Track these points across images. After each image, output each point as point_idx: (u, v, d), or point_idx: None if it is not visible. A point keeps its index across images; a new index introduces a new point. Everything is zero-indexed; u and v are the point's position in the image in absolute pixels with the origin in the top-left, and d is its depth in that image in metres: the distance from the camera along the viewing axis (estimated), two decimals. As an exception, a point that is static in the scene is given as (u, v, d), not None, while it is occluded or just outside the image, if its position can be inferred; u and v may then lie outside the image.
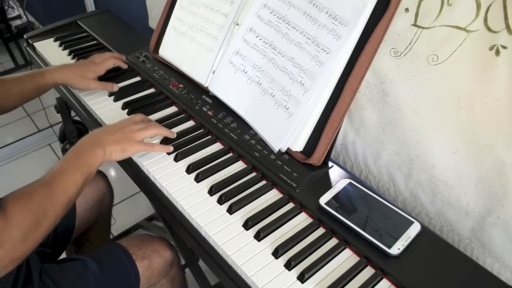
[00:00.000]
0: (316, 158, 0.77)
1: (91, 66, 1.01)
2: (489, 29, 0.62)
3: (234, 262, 0.65)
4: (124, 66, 1.09)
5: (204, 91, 0.97)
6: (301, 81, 0.77)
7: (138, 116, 0.85)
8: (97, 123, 0.97)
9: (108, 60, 1.04)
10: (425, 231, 0.68)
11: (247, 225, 0.70)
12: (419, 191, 0.79)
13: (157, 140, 0.86)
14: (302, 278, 0.62)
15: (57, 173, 0.70)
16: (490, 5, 0.61)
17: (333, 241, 0.68)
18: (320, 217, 0.71)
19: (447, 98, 0.70)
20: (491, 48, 0.62)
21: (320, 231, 0.70)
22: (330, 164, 0.81)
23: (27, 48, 1.28)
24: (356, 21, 0.71)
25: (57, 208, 0.67)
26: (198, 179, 0.78)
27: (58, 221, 0.69)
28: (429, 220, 0.79)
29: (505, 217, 0.67)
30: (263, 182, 0.79)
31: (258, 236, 0.68)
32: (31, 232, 0.63)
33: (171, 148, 0.84)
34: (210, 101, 0.95)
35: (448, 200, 0.75)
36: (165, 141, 0.86)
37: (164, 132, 0.84)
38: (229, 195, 0.74)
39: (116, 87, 1.02)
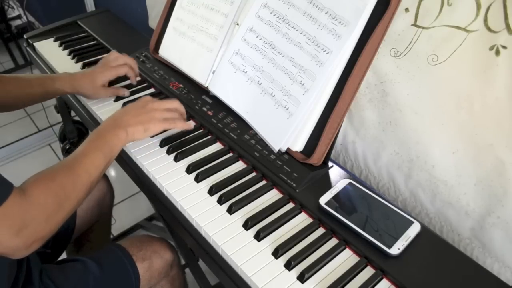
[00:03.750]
0: (316, 158, 0.77)
1: (100, 72, 0.96)
2: (489, 29, 0.62)
3: (234, 262, 0.65)
4: (133, 82, 1.03)
5: (204, 91, 0.97)
6: (301, 81, 0.77)
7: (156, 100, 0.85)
8: (97, 123, 0.96)
9: (121, 68, 0.98)
10: (425, 231, 0.68)
11: (247, 225, 0.70)
12: (419, 191, 0.79)
13: (157, 140, 0.86)
14: (302, 278, 0.62)
15: (80, 154, 0.71)
16: (490, 5, 0.61)
17: (333, 241, 0.68)
18: (320, 217, 0.71)
19: (447, 98, 0.70)
20: (491, 48, 0.62)
21: (320, 231, 0.70)
22: (330, 164, 0.81)
23: (27, 48, 1.28)
24: (356, 21, 0.71)
25: (79, 189, 0.68)
26: (198, 179, 0.78)
27: (81, 203, 0.70)
28: (429, 220, 0.79)
29: (505, 217, 0.67)
30: (263, 182, 0.79)
31: (258, 236, 0.68)
32: (54, 212, 0.64)
33: (191, 125, 0.86)
34: (210, 101, 0.95)
35: (448, 200, 0.75)
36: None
37: (182, 108, 0.86)
38: (229, 195, 0.74)
39: (127, 92, 0.99)
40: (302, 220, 0.72)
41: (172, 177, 0.79)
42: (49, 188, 0.64)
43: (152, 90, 1.04)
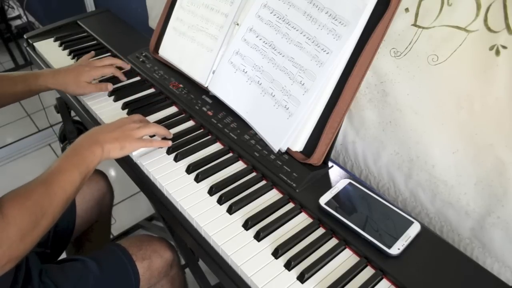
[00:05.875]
0: (316, 158, 0.77)
1: (86, 70, 0.98)
2: (489, 29, 0.62)
3: (234, 262, 0.65)
4: (123, 79, 1.05)
5: (204, 91, 0.97)
6: (301, 81, 0.77)
7: (136, 116, 0.85)
8: (97, 123, 0.96)
9: (107, 68, 1.01)
10: (425, 231, 0.68)
11: (247, 225, 0.70)
12: (419, 191, 0.79)
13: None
14: (302, 278, 0.62)
15: (55, 171, 0.69)
16: (490, 5, 0.61)
17: (333, 241, 0.68)
18: (320, 217, 0.71)
19: (447, 98, 0.70)
20: (491, 48, 0.62)
21: (320, 231, 0.70)
22: (330, 164, 0.81)
23: (27, 48, 1.28)
24: (356, 21, 0.71)
25: (55, 207, 0.67)
26: (198, 179, 0.78)
27: (56, 220, 0.69)
28: (429, 220, 0.79)
29: (505, 217, 0.67)
30: (263, 182, 0.79)
31: (258, 236, 0.68)
32: (29, 231, 0.63)
33: (169, 143, 0.84)
34: (210, 101, 0.95)
35: (448, 200, 0.75)
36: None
37: (162, 131, 0.84)
38: (229, 195, 0.74)
39: (110, 86, 1.00)
40: (302, 220, 0.72)
41: (172, 177, 0.79)
42: (25, 206, 0.63)
43: (152, 90, 1.04)
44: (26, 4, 2.40)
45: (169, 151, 0.84)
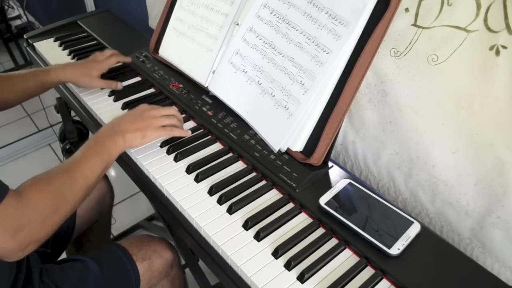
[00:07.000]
0: (316, 158, 0.77)
1: (94, 64, 1.01)
2: (489, 29, 0.62)
3: (234, 262, 0.65)
4: (128, 60, 1.09)
5: (204, 91, 0.97)
6: (301, 81, 0.77)
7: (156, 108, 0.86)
8: (97, 123, 0.97)
9: (111, 58, 1.04)
10: (425, 231, 0.68)
11: (247, 225, 0.70)
12: (419, 191, 0.79)
13: (157, 141, 0.86)
14: (302, 278, 0.62)
15: (77, 159, 0.71)
16: (490, 5, 0.61)
17: (333, 241, 0.68)
18: (320, 217, 0.71)
19: (447, 98, 0.70)
20: (491, 48, 0.62)
21: (320, 231, 0.70)
22: (330, 164, 0.81)
23: (27, 48, 1.29)
24: (356, 21, 0.71)
25: (76, 193, 0.69)
26: (198, 179, 0.78)
27: (78, 206, 0.71)
28: (429, 220, 0.79)
29: (505, 217, 0.67)
30: (263, 182, 0.79)
31: (258, 236, 0.68)
32: (50, 215, 0.64)
33: (189, 133, 0.86)
34: (210, 101, 0.95)
35: (448, 200, 0.75)
36: None
37: (179, 123, 0.86)
38: (229, 195, 0.74)
39: (120, 85, 1.03)
40: (302, 220, 0.72)
41: (172, 177, 0.79)
42: (45, 191, 0.64)
43: (152, 90, 1.04)
44: (26, 4, 2.40)
45: (169, 151, 0.84)
